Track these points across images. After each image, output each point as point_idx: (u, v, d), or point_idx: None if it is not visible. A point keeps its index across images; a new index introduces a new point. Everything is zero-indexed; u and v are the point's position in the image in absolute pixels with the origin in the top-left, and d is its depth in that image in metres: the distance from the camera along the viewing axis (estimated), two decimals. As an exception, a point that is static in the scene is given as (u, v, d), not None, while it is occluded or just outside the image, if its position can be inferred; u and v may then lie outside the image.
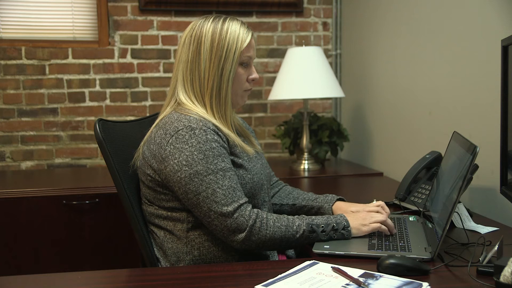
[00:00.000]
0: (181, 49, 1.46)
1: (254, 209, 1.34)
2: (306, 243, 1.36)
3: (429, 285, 1.08)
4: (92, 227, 2.25)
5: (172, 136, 1.33)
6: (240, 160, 1.41)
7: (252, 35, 1.45)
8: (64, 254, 2.23)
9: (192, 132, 1.32)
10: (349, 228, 1.36)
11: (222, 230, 1.31)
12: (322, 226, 1.34)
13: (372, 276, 1.12)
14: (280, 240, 1.32)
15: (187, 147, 1.31)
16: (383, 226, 1.39)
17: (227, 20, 1.43)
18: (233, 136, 1.41)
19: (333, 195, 1.62)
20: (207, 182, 1.30)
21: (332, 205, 1.57)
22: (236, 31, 1.41)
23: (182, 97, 1.42)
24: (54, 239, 2.21)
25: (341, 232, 1.35)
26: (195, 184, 1.30)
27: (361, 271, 1.15)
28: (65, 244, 2.23)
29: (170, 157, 1.32)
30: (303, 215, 1.39)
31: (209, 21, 1.43)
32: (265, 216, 1.33)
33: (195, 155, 1.30)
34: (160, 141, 1.35)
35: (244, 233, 1.29)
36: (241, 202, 1.31)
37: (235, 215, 1.29)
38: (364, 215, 1.40)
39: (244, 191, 1.39)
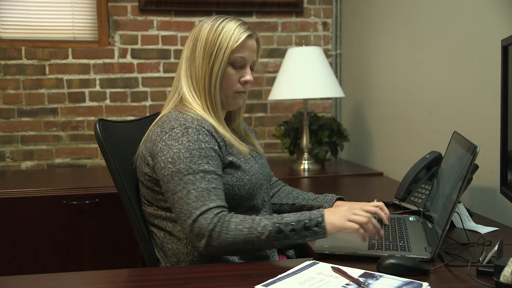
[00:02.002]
0: (185, 46, 1.47)
1: (221, 213, 1.25)
2: (279, 245, 1.26)
3: (429, 285, 1.08)
4: (92, 227, 2.25)
5: (167, 133, 1.33)
6: (238, 161, 1.40)
7: (250, 36, 1.42)
8: (64, 254, 2.22)
9: (185, 130, 1.32)
10: (323, 224, 1.22)
11: (188, 234, 1.26)
12: (292, 224, 1.22)
13: (372, 276, 1.12)
14: (244, 244, 1.23)
15: (176, 144, 1.31)
16: (361, 230, 1.24)
17: (226, 20, 1.42)
18: (228, 136, 1.40)
19: (333, 194, 1.62)
20: (184, 182, 1.27)
21: (332, 205, 1.57)
22: (230, 30, 1.39)
23: (185, 90, 1.43)
24: (54, 239, 2.21)
25: (314, 230, 1.22)
26: (174, 183, 1.28)
27: (361, 271, 1.15)
28: (65, 244, 2.23)
29: (159, 153, 1.32)
30: (275, 215, 1.30)
31: (211, 19, 1.43)
32: (227, 220, 1.24)
33: (182, 153, 1.29)
34: (155, 138, 1.35)
35: (205, 238, 1.22)
36: (210, 206, 1.24)
37: (198, 219, 1.23)
38: (344, 211, 1.26)
39: (243, 192, 1.39)
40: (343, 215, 1.24)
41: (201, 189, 1.26)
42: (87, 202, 2.22)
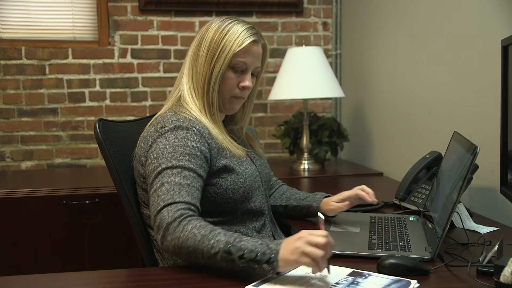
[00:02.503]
0: (192, 43, 1.44)
1: (185, 210, 1.20)
2: (228, 267, 1.13)
3: (417, 283, 1.08)
4: (92, 227, 2.25)
5: (157, 132, 1.33)
6: (232, 164, 1.38)
7: (255, 42, 1.39)
8: (64, 254, 2.22)
9: (175, 129, 1.32)
10: (274, 264, 1.08)
11: (153, 225, 1.23)
12: (243, 252, 1.10)
13: (361, 275, 1.13)
14: (193, 250, 1.14)
15: (164, 141, 1.30)
16: (314, 265, 1.08)
17: (234, 22, 1.39)
18: (221, 138, 1.38)
19: (322, 193, 1.61)
20: (162, 175, 1.26)
21: (319, 204, 1.56)
22: (236, 33, 1.37)
23: (185, 89, 1.41)
24: (54, 239, 2.21)
25: (263, 267, 1.09)
26: (153, 176, 1.27)
27: (350, 270, 1.16)
28: (65, 244, 2.23)
29: (149, 152, 1.32)
30: (240, 234, 1.17)
31: (220, 19, 1.41)
32: (188, 219, 1.18)
33: (166, 148, 1.29)
34: (149, 139, 1.35)
35: (162, 231, 1.19)
36: (176, 200, 1.21)
37: (162, 211, 1.20)
38: (300, 243, 1.08)
39: (237, 196, 1.38)
40: (298, 247, 1.07)
41: (174, 183, 1.24)
42: (87, 202, 2.22)
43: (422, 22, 2.18)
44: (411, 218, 1.61)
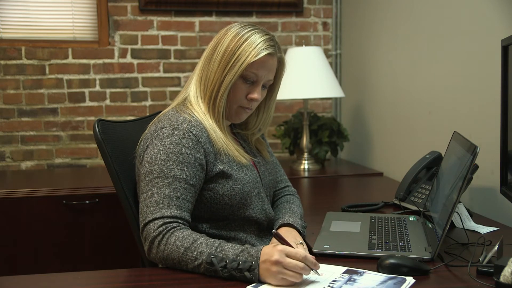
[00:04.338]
0: (208, 45, 1.41)
1: (170, 224, 1.23)
2: (211, 275, 1.16)
3: (413, 279, 1.09)
4: (92, 227, 2.25)
5: (156, 132, 1.32)
6: (230, 169, 1.35)
7: (271, 55, 1.35)
8: (64, 254, 2.23)
9: (172, 132, 1.30)
10: (255, 271, 1.11)
11: (141, 236, 1.27)
12: (225, 262, 1.14)
13: (356, 273, 1.14)
14: (178, 262, 1.19)
15: (159, 145, 1.29)
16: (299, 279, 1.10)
17: (253, 30, 1.36)
18: (221, 142, 1.35)
19: (284, 218, 1.44)
20: (152, 184, 1.27)
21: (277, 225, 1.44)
22: (253, 43, 1.33)
23: (192, 90, 1.40)
24: (54, 239, 2.21)
25: (244, 274, 1.12)
26: (144, 182, 1.28)
27: (344, 268, 1.17)
28: (65, 244, 2.23)
29: (145, 153, 1.32)
30: (222, 241, 1.20)
31: (240, 25, 1.38)
32: (171, 232, 1.21)
33: (160, 154, 1.28)
34: (148, 137, 1.34)
35: (148, 244, 1.23)
36: (164, 214, 1.23)
37: (149, 224, 1.23)
38: (279, 268, 1.09)
39: (234, 202, 1.35)
40: (278, 272, 1.09)
41: (164, 195, 1.25)
42: (87, 202, 2.22)
43: (422, 22, 2.18)
44: (411, 218, 1.61)
